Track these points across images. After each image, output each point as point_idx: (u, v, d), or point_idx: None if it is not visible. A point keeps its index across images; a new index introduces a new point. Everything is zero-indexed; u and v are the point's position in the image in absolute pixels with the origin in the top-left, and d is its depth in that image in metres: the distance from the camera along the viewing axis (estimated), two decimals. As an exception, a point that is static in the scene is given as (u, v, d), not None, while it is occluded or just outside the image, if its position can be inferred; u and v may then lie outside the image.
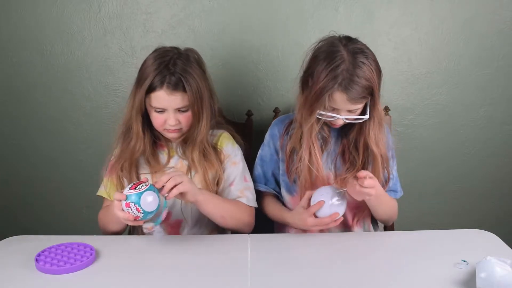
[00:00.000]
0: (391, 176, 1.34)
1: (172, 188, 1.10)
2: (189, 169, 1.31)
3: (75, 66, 1.68)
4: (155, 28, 1.65)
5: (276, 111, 1.59)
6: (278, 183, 1.39)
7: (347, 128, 1.31)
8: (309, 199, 1.22)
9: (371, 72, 1.18)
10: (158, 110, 1.23)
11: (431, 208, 1.84)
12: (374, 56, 1.22)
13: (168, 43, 1.63)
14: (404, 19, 1.66)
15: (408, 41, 1.68)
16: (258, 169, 1.40)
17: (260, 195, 1.38)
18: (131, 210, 1.06)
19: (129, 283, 1.03)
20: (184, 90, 1.21)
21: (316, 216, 1.21)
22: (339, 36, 1.24)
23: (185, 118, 1.25)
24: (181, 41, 1.64)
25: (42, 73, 1.69)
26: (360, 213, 1.36)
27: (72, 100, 1.71)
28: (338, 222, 1.20)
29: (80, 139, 1.75)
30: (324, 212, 1.19)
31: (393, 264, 1.09)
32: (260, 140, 1.48)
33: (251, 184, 1.35)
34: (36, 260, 1.08)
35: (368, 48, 1.23)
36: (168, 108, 1.23)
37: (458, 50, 1.70)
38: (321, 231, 1.31)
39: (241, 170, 1.35)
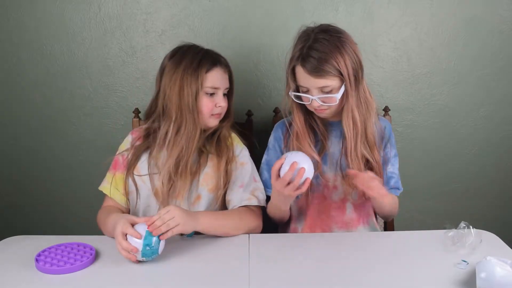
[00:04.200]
0: (392, 174, 1.35)
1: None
2: (197, 171, 1.30)
3: (75, 66, 1.68)
4: (155, 28, 1.65)
5: (276, 111, 1.59)
6: None
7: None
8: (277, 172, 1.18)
9: (332, 47, 1.21)
10: (210, 91, 1.29)
11: (431, 208, 1.84)
12: (343, 36, 1.24)
13: (168, 43, 1.65)
14: (404, 19, 1.66)
15: (408, 41, 1.68)
16: (264, 174, 1.38)
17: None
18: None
19: (129, 283, 1.03)
20: (229, 72, 1.35)
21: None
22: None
23: (226, 102, 1.34)
24: (181, 41, 1.64)
25: (42, 73, 1.69)
26: (364, 213, 1.37)
27: (72, 100, 1.71)
28: (302, 175, 1.12)
29: (80, 139, 1.75)
30: (285, 170, 1.13)
31: (393, 264, 1.09)
32: (260, 140, 1.48)
33: (260, 184, 1.35)
34: (36, 260, 1.08)
35: (338, 31, 1.26)
36: (221, 87, 1.31)
37: (458, 50, 1.70)
38: (323, 224, 1.33)
39: (250, 171, 1.35)
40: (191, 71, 1.27)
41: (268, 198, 1.34)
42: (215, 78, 1.29)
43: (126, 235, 1.07)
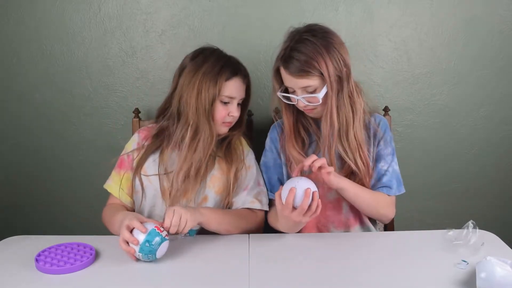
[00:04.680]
0: (384, 172, 1.33)
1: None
2: (204, 173, 1.30)
3: (75, 66, 1.68)
4: (155, 28, 1.65)
5: (276, 111, 1.59)
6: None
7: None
8: (281, 199, 1.16)
9: (314, 49, 1.20)
10: (226, 100, 1.29)
11: (431, 208, 1.84)
12: (328, 36, 1.24)
13: (168, 43, 1.65)
14: (404, 19, 1.66)
15: (408, 41, 1.68)
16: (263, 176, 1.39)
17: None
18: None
19: (129, 283, 1.03)
20: (247, 83, 1.34)
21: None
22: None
23: (239, 112, 1.35)
24: (181, 41, 1.65)
25: (42, 73, 1.69)
26: (358, 211, 1.36)
27: (72, 100, 1.71)
28: (317, 198, 1.12)
29: (80, 139, 1.74)
30: (300, 198, 1.11)
31: (393, 264, 1.09)
32: (260, 140, 1.48)
33: (264, 188, 1.36)
34: (36, 260, 1.08)
35: (324, 30, 1.25)
36: (238, 97, 1.31)
37: (458, 50, 1.70)
38: (320, 224, 1.34)
39: (255, 175, 1.36)
40: (211, 76, 1.27)
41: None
42: (233, 88, 1.30)
43: (131, 230, 1.08)
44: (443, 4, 1.65)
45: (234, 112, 1.31)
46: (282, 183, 1.36)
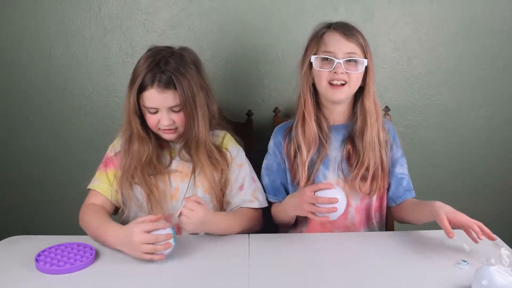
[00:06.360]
0: (402, 175, 1.35)
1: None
2: (193, 171, 1.30)
3: (75, 66, 1.68)
4: (155, 28, 1.65)
5: (276, 111, 1.59)
6: (287, 192, 1.36)
7: (350, 129, 1.31)
8: (315, 190, 1.16)
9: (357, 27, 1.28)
10: (152, 110, 1.22)
11: (431, 208, 1.84)
12: None
13: (168, 43, 1.62)
14: (404, 19, 1.66)
15: (408, 41, 1.68)
16: (265, 179, 1.37)
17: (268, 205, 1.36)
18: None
19: (129, 283, 1.03)
20: (175, 88, 1.20)
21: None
22: None
23: (179, 118, 1.24)
24: (181, 41, 1.64)
25: (42, 73, 1.69)
26: (365, 217, 1.36)
27: (72, 100, 1.71)
28: (332, 210, 1.13)
29: (80, 139, 1.74)
30: (325, 194, 1.13)
31: (393, 264, 1.09)
32: (260, 140, 1.48)
33: (259, 184, 1.35)
34: (36, 260, 1.08)
35: None
36: (161, 107, 1.22)
37: (458, 50, 1.70)
38: (326, 230, 1.32)
39: (248, 172, 1.34)
40: (130, 87, 1.22)
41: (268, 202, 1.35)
42: (151, 99, 1.20)
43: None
44: (443, 4, 1.65)
45: (163, 120, 1.22)
46: (285, 188, 1.36)
